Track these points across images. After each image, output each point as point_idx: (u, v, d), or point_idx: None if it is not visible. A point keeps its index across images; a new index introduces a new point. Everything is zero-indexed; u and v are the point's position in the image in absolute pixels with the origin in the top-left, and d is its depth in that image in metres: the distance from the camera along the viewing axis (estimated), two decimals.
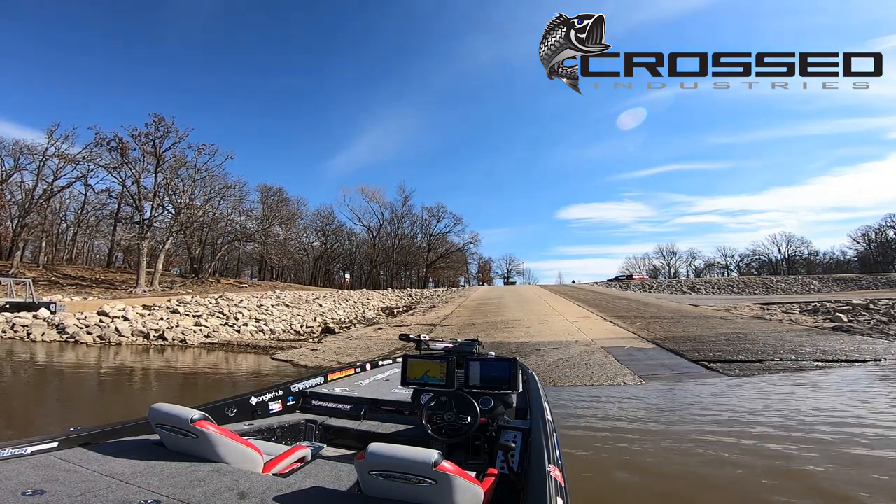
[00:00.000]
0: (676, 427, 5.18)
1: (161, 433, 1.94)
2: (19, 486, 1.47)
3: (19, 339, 14.98)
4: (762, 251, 70.96)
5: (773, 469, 3.93)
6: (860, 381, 7.42)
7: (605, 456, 4.35)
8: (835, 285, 47.09)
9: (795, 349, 9.83)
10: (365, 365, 4.88)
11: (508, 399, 2.78)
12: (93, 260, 50.10)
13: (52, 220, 41.44)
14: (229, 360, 11.66)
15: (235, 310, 20.42)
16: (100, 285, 31.42)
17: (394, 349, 11.90)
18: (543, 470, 1.69)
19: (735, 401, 6.30)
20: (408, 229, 67.25)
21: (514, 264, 77.10)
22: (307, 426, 3.16)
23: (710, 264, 74.44)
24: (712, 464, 4.09)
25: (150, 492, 1.50)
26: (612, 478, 3.90)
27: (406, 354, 3.13)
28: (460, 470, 1.49)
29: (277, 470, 2.08)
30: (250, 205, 48.35)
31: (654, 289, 47.04)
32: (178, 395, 8.11)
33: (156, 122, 33.06)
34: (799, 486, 3.62)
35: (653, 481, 3.80)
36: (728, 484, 3.71)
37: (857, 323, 13.86)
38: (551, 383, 7.74)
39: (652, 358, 9.73)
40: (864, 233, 64.30)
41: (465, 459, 2.54)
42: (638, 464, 4.14)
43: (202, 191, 38.72)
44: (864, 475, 3.75)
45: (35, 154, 35.50)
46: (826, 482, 3.65)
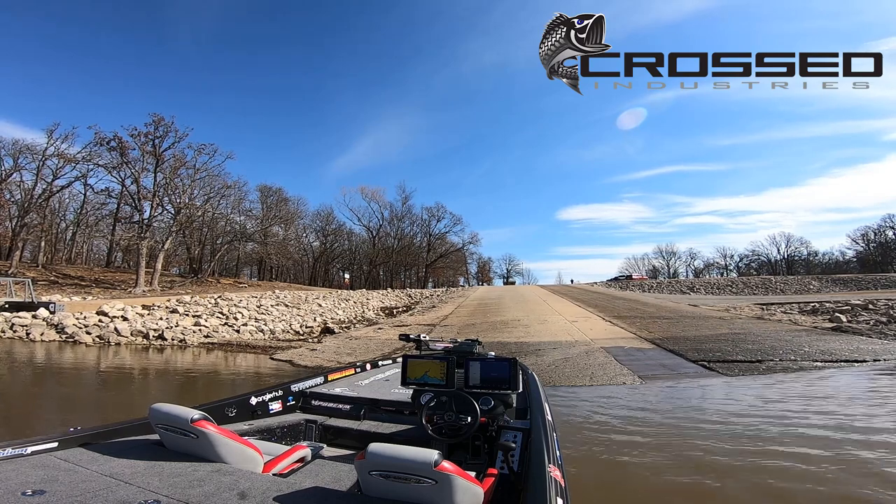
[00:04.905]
0: (676, 426, 5.18)
1: (161, 433, 1.94)
2: (19, 486, 1.47)
3: (18, 339, 14.95)
4: (761, 251, 71.04)
5: (774, 469, 3.93)
6: (860, 380, 7.43)
7: (605, 456, 4.35)
8: (834, 285, 47.14)
9: (795, 349, 9.83)
10: (365, 365, 4.88)
11: (508, 399, 2.78)
12: (92, 260, 50.04)
13: (52, 220, 41.37)
14: (229, 360, 11.65)
15: (235, 310, 20.41)
16: (99, 285, 31.39)
17: (394, 349, 11.89)
18: (543, 470, 1.69)
19: (735, 400, 6.31)
20: (407, 229, 67.28)
21: (514, 264, 77.15)
22: (307, 426, 3.15)
23: (709, 265, 74.53)
24: (712, 463, 4.09)
25: (150, 492, 1.50)
26: (612, 478, 3.90)
27: (406, 354, 3.13)
28: (460, 470, 1.49)
29: (277, 470, 2.08)
30: (250, 205, 48.45)
31: (654, 289, 47.06)
32: (178, 395, 8.10)
33: (155, 122, 33.01)
34: (799, 486, 3.63)
35: (653, 481, 3.80)
36: (728, 484, 3.71)
37: (857, 323, 13.87)
38: (551, 383, 7.75)
39: (651, 358, 9.73)
40: (864, 233, 64.36)
41: (465, 459, 2.54)
42: (638, 463, 4.14)
43: (202, 191, 38.62)
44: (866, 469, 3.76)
45: (34, 154, 35.44)
46: (832, 483, 3.65)
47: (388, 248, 64.88)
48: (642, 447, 4.54)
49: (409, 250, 66.44)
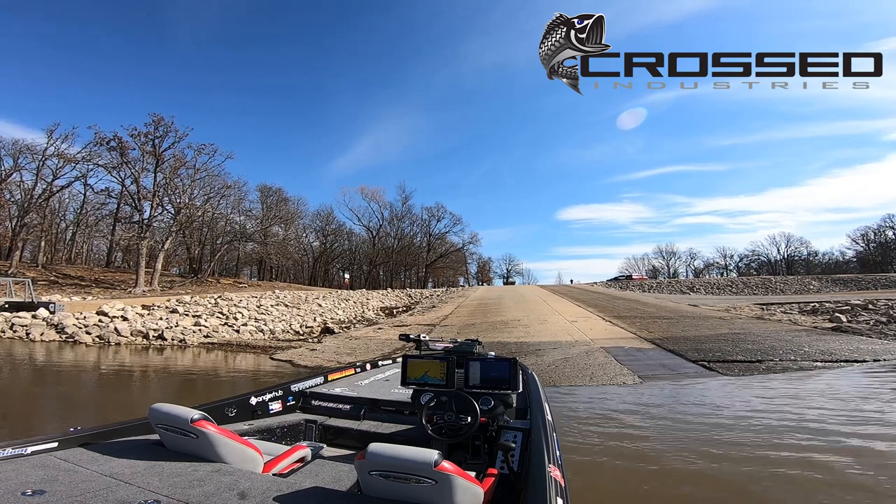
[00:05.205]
0: (676, 426, 5.18)
1: (161, 433, 1.94)
2: (19, 486, 1.47)
3: (18, 339, 14.95)
4: (761, 251, 71.06)
5: (773, 468, 3.93)
6: (859, 380, 7.43)
7: (604, 456, 4.35)
8: (834, 285, 47.14)
9: (795, 349, 9.83)
10: (365, 365, 4.88)
11: (508, 399, 2.78)
12: (92, 260, 50.04)
13: (52, 220, 41.37)
14: (229, 360, 11.65)
15: (235, 310, 20.41)
16: (99, 285, 31.38)
17: (394, 349, 11.89)
18: (543, 470, 1.69)
19: (735, 400, 6.31)
20: (407, 229, 67.28)
21: (514, 264, 77.15)
22: (307, 426, 3.15)
23: (709, 265, 74.54)
24: (712, 463, 4.09)
25: (150, 492, 1.50)
26: (612, 477, 3.90)
27: (406, 354, 3.13)
28: (460, 470, 1.49)
29: (277, 470, 2.08)
30: (250, 205, 48.43)
31: (654, 289, 47.06)
32: (178, 395, 8.10)
33: (155, 122, 33.03)
34: (800, 485, 3.63)
35: (652, 480, 3.80)
36: (728, 483, 3.71)
37: (856, 323, 13.87)
38: (551, 383, 7.74)
39: (651, 358, 9.73)
40: (863, 233, 64.38)
41: (465, 459, 2.54)
42: (637, 463, 4.14)
43: (202, 191, 38.62)
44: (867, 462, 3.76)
45: (34, 154, 35.43)
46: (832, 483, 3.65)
47: (388, 248, 64.88)
48: (642, 446, 4.54)
49: (409, 250, 66.44)
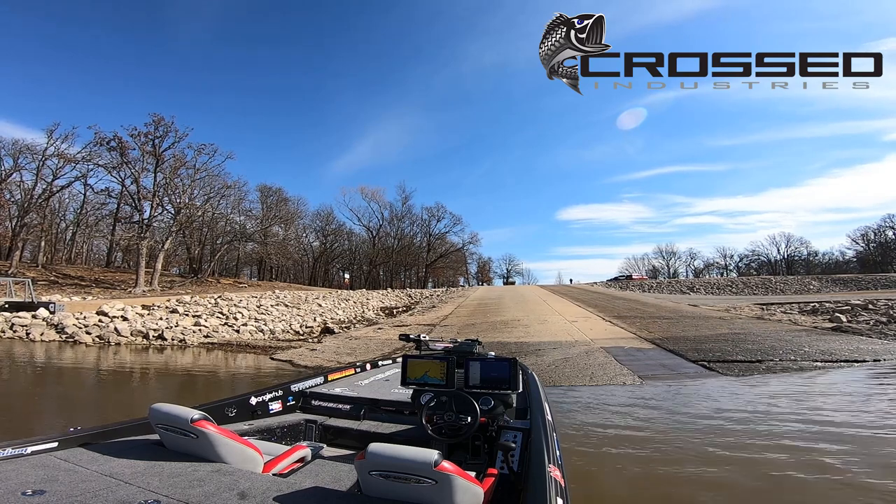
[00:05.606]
0: (676, 427, 5.18)
1: (161, 433, 1.94)
2: (19, 486, 1.47)
3: (18, 339, 14.95)
4: (761, 251, 71.04)
5: (774, 468, 3.93)
6: (860, 380, 7.43)
7: (604, 456, 4.35)
8: (834, 285, 47.13)
9: (795, 349, 9.83)
10: (365, 365, 4.88)
11: (508, 399, 2.78)
12: (92, 260, 50.03)
13: (52, 220, 41.37)
14: (229, 360, 11.65)
15: (235, 310, 20.41)
16: (99, 285, 31.38)
17: (394, 349, 11.89)
18: (543, 470, 1.69)
19: (735, 400, 6.30)
20: (407, 229, 67.26)
21: (514, 264, 77.11)
22: (307, 426, 3.15)
23: (709, 265, 74.51)
24: (711, 463, 4.09)
25: (150, 492, 1.50)
26: (611, 477, 3.90)
27: (406, 354, 3.13)
28: (460, 470, 1.49)
29: (277, 470, 2.08)
30: (250, 205, 48.39)
31: (654, 289, 47.05)
32: (178, 395, 8.10)
33: (155, 122, 33.02)
34: (801, 486, 3.63)
35: (652, 480, 3.80)
36: (728, 483, 3.71)
37: (856, 323, 13.86)
38: (551, 383, 7.74)
39: (651, 358, 9.73)
40: (863, 233, 64.36)
41: (465, 459, 2.54)
42: (637, 463, 4.14)
43: (202, 191, 38.60)
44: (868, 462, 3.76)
45: (34, 154, 35.43)
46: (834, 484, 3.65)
47: (388, 248, 64.87)
48: (642, 446, 4.54)
49: (409, 250, 66.42)
